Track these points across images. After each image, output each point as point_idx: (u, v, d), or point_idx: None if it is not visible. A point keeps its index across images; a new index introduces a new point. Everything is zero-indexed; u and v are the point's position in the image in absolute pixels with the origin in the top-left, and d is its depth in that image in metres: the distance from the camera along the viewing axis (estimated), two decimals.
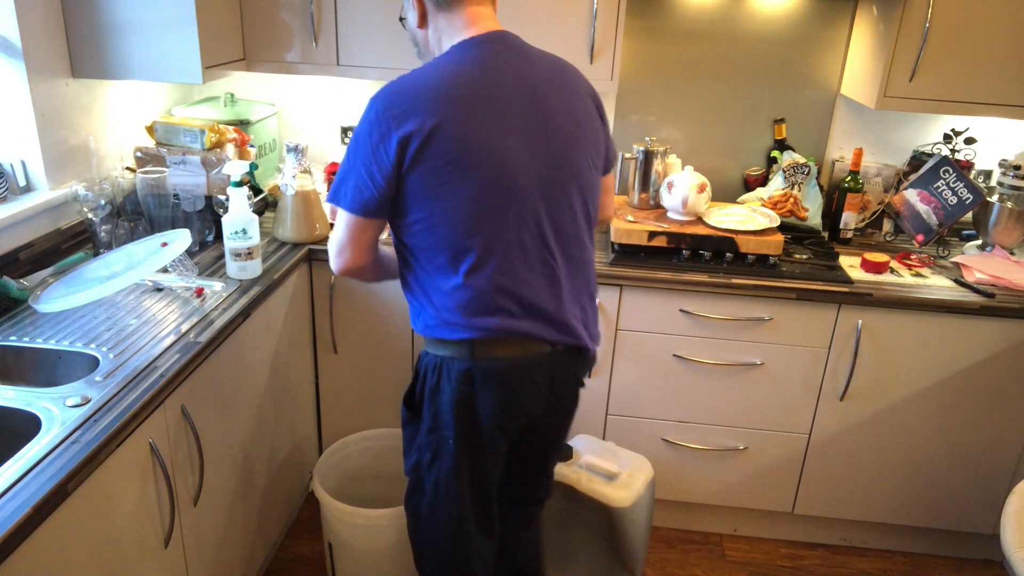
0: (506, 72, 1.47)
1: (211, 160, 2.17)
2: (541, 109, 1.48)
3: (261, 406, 2.05)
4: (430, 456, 1.59)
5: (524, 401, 1.57)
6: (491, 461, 1.62)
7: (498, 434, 1.57)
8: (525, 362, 1.52)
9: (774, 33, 2.53)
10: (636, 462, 2.21)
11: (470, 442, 1.56)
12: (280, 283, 2.08)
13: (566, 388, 1.64)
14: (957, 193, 2.39)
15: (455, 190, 1.41)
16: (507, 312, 1.47)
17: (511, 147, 1.44)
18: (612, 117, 2.67)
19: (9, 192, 1.98)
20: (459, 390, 1.51)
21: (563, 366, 1.58)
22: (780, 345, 2.25)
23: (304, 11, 2.30)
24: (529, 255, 1.48)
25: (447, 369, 1.51)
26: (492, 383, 1.51)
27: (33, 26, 1.95)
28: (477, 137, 1.41)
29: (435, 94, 1.40)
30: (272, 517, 2.23)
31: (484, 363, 1.49)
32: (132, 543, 1.46)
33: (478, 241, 1.44)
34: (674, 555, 2.48)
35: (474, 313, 1.46)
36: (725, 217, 2.35)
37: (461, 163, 1.40)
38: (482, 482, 1.62)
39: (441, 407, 1.54)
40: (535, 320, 1.50)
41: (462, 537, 1.65)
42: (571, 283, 1.55)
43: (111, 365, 1.55)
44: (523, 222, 1.46)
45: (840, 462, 2.38)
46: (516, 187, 1.44)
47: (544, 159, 1.48)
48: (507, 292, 1.46)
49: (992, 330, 2.17)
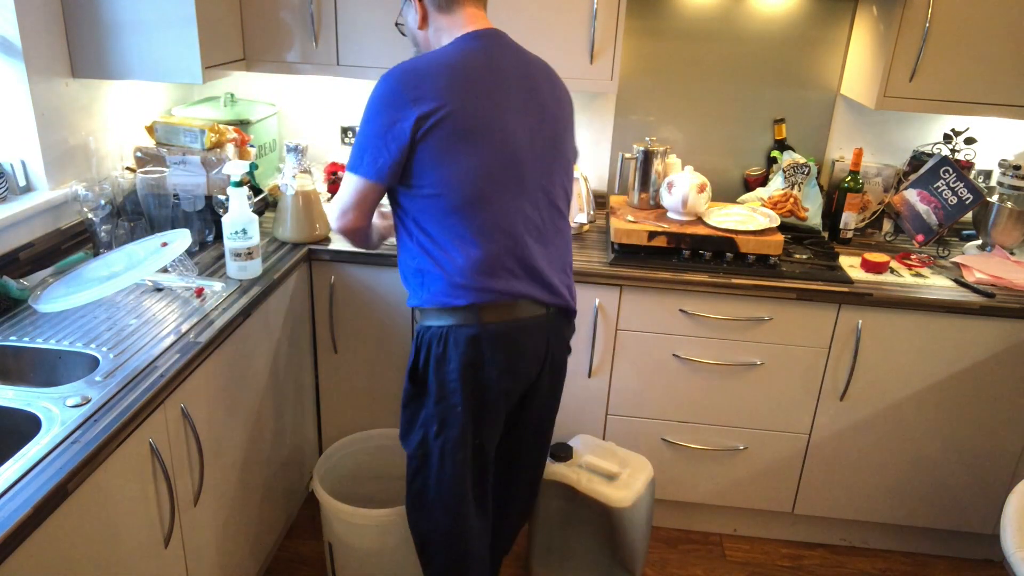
0: (505, 60, 1.63)
1: (211, 160, 2.17)
2: (534, 94, 1.65)
3: (261, 406, 2.05)
4: (437, 427, 1.66)
5: (526, 363, 1.68)
6: (493, 428, 1.71)
7: (502, 398, 1.67)
8: (526, 324, 1.64)
9: (774, 33, 2.53)
10: (636, 462, 2.21)
11: (476, 408, 1.65)
12: (280, 283, 2.08)
13: (559, 350, 1.76)
14: (957, 193, 2.39)
15: (464, 158, 1.54)
16: (511, 274, 1.59)
17: (512, 123, 1.59)
18: (612, 117, 2.67)
19: (9, 192, 1.98)
20: (467, 355, 1.60)
21: (556, 328, 1.71)
22: (780, 345, 2.25)
23: (304, 11, 2.30)
24: (528, 221, 1.62)
25: (453, 337, 1.60)
26: (499, 346, 1.61)
27: (33, 26, 1.95)
28: (484, 113, 1.55)
29: (446, 75, 1.54)
30: (272, 517, 2.23)
31: (491, 327, 1.59)
32: (132, 543, 1.46)
33: (486, 206, 1.56)
34: (674, 555, 2.48)
35: (482, 275, 1.57)
36: (725, 217, 2.35)
37: (471, 135, 1.54)
38: (483, 452, 1.72)
39: (448, 375, 1.62)
40: (533, 283, 1.63)
41: (464, 510, 1.73)
42: (558, 251, 1.70)
43: (111, 365, 1.55)
44: (523, 190, 1.61)
45: (840, 462, 2.38)
46: (518, 158, 1.59)
47: (538, 137, 1.64)
48: (511, 255, 1.59)
49: (992, 330, 2.17)
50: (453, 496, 1.71)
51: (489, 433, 1.71)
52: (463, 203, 1.55)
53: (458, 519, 1.73)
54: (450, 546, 1.78)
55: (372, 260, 2.26)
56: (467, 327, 1.59)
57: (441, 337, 1.61)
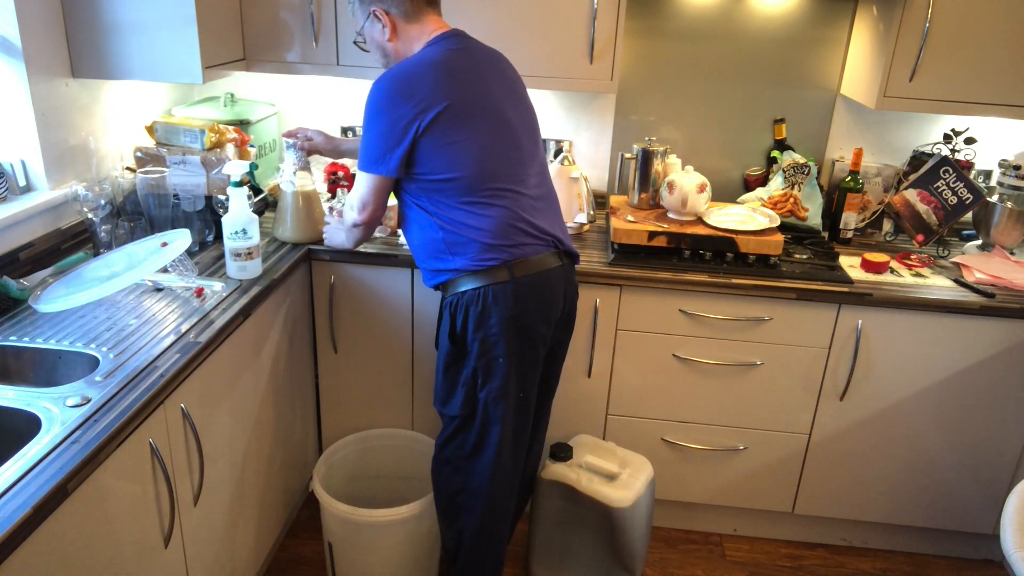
0: (478, 53, 1.82)
1: (211, 160, 2.17)
2: (508, 81, 1.86)
3: (261, 406, 2.05)
4: (482, 380, 1.81)
5: (555, 308, 1.85)
6: (533, 375, 1.87)
7: (540, 344, 1.84)
8: (550, 273, 1.82)
9: (774, 33, 2.53)
10: (636, 462, 2.21)
11: (518, 358, 1.80)
12: (280, 283, 2.08)
13: (572, 297, 1.95)
14: (957, 193, 2.39)
15: (468, 139, 1.72)
16: (526, 233, 1.78)
17: (501, 103, 1.79)
18: (612, 117, 2.67)
19: (9, 192, 1.98)
20: (507, 308, 1.75)
21: (570, 276, 1.91)
22: (780, 345, 2.25)
23: (304, 11, 2.30)
24: (532, 187, 1.83)
25: (492, 294, 1.75)
26: (533, 295, 1.78)
27: (33, 26, 1.95)
28: (476, 98, 1.75)
29: (433, 73, 1.71)
30: (272, 517, 2.23)
31: (524, 280, 1.77)
32: (132, 543, 1.46)
33: (495, 177, 1.75)
34: (674, 555, 2.48)
35: (504, 236, 1.75)
36: (725, 217, 2.35)
37: (469, 119, 1.72)
38: (525, 401, 1.87)
39: (490, 330, 1.77)
40: (547, 237, 1.82)
41: (502, 461, 1.87)
42: (554, 207, 1.91)
43: (111, 365, 1.55)
44: (522, 159, 1.81)
45: (840, 462, 2.38)
46: (513, 132, 1.80)
47: (521, 113, 1.86)
48: (522, 218, 1.78)
49: (992, 330, 2.17)
50: (495, 447, 1.84)
51: (530, 381, 1.86)
52: (475, 178, 1.73)
53: (496, 470, 1.86)
54: (482, 499, 1.90)
55: (372, 260, 2.26)
56: (504, 283, 1.75)
57: (479, 297, 1.75)
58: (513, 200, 1.77)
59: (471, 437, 1.86)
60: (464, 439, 1.88)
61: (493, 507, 1.91)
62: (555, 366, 2.02)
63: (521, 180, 1.80)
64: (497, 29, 2.25)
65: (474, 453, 1.87)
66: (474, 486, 1.90)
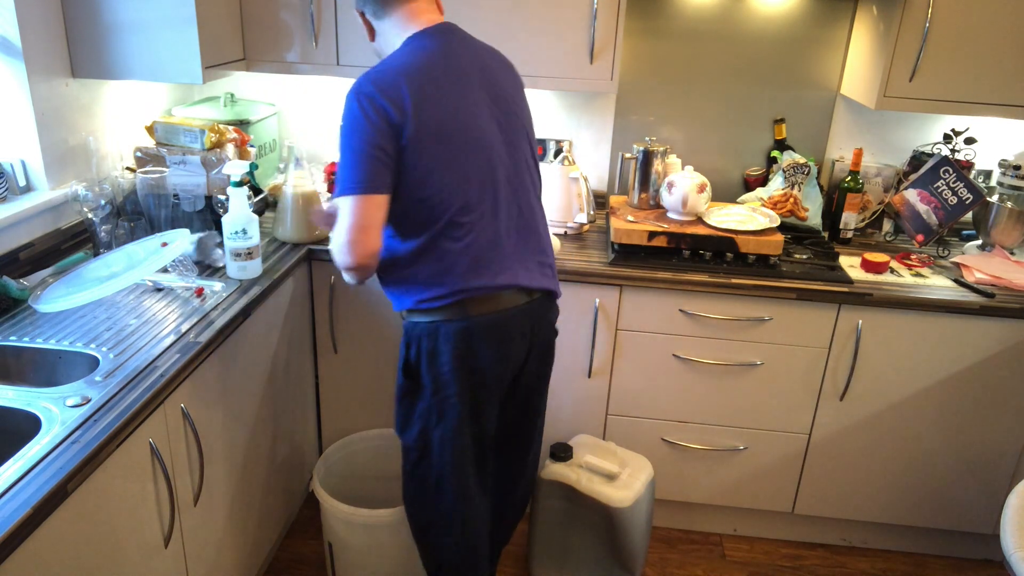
0: (462, 55, 1.64)
1: (211, 160, 2.17)
2: (494, 86, 1.67)
3: (261, 406, 2.05)
4: (435, 418, 1.70)
5: (514, 349, 1.71)
6: (489, 414, 1.75)
7: (495, 385, 1.71)
8: (512, 312, 1.67)
9: (774, 33, 2.53)
10: (636, 462, 2.21)
11: (471, 398, 1.68)
12: (280, 283, 2.08)
13: (544, 334, 1.79)
14: (957, 193, 2.39)
15: (439, 163, 1.56)
16: (494, 267, 1.63)
17: (481, 118, 1.62)
18: (612, 117, 2.67)
19: (9, 192, 1.98)
20: (458, 348, 1.63)
21: (539, 313, 1.75)
22: (780, 345, 2.25)
23: (304, 11, 2.30)
24: (506, 213, 1.66)
25: (443, 331, 1.63)
26: (488, 336, 1.65)
27: (33, 26, 1.95)
28: (450, 115, 1.57)
29: (409, 78, 1.54)
30: (272, 517, 2.23)
31: (479, 319, 1.63)
32: (132, 543, 1.46)
33: (465, 206, 1.59)
34: (674, 555, 2.48)
35: (467, 271, 1.60)
36: (725, 217, 2.35)
37: (441, 139, 1.56)
38: (481, 436, 1.75)
39: (441, 368, 1.65)
40: (515, 272, 1.66)
41: (467, 495, 1.77)
42: (536, 236, 1.73)
43: (111, 365, 1.55)
44: (499, 184, 1.64)
45: (840, 462, 2.38)
46: (492, 153, 1.63)
47: (504, 129, 1.67)
48: (493, 248, 1.63)
49: (992, 330, 2.17)
50: (455, 483, 1.74)
51: (486, 420, 1.75)
52: (442, 206, 1.58)
53: (460, 505, 1.77)
54: (452, 533, 1.81)
55: None
56: (456, 321, 1.62)
57: (431, 332, 1.64)
58: (484, 232, 1.61)
59: (432, 473, 1.76)
60: (425, 474, 1.77)
61: (465, 543, 1.83)
62: (534, 401, 1.88)
63: (495, 208, 1.63)
64: (497, 29, 2.25)
65: (437, 491, 1.77)
66: (442, 523, 1.81)
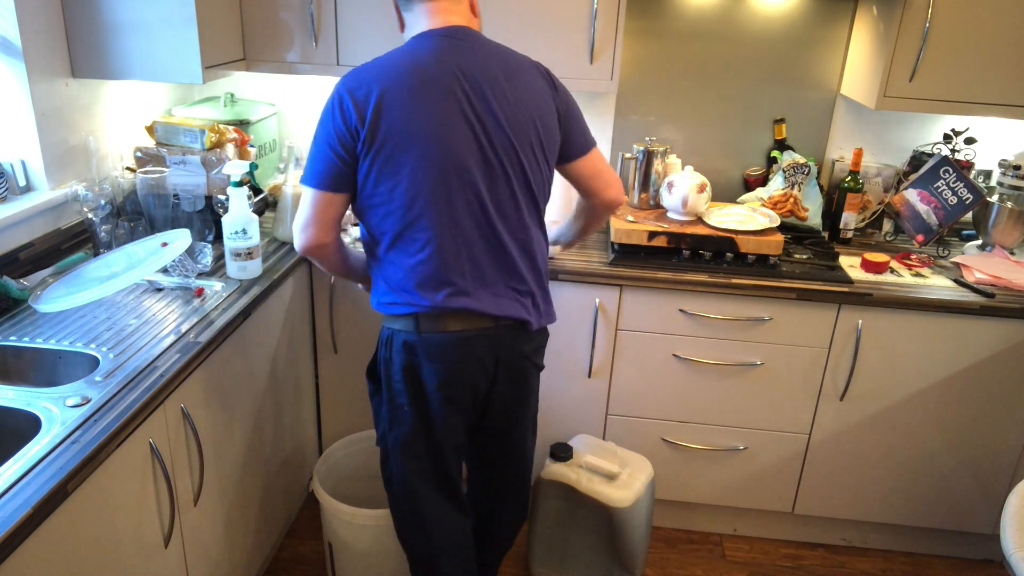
0: (458, 63, 1.54)
1: (211, 160, 2.17)
2: (487, 100, 1.54)
3: (261, 406, 2.05)
4: (388, 424, 1.72)
5: (468, 374, 1.64)
6: (444, 430, 1.69)
7: (447, 405, 1.66)
8: (468, 336, 1.60)
9: (774, 33, 2.53)
10: (636, 462, 2.21)
11: (422, 409, 1.67)
12: (280, 283, 2.08)
13: (513, 363, 1.68)
14: (957, 193, 2.39)
15: (401, 168, 1.52)
16: (453, 287, 1.57)
17: (455, 130, 1.52)
18: (612, 117, 2.67)
19: (9, 192, 1.98)
20: (405, 360, 1.63)
21: (507, 341, 1.65)
22: (780, 345, 2.25)
23: (304, 11, 2.30)
24: (473, 234, 1.57)
25: (395, 341, 1.64)
26: (435, 355, 1.61)
27: (33, 26, 1.95)
28: (421, 118, 1.50)
29: (383, 82, 1.51)
30: (272, 517, 2.23)
31: (427, 336, 1.60)
32: (132, 543, 1.46)
33: (423, 219, 1.54)
34: (674, 555, 2.48)
35: (420, 288, 1.57)
36: (725, 217, 2.35)
37: (406, 142, 1.50)
38: (438, 449, 1.71)
39: (392, 376, 1.67)
40: (479, 296, 1.59)
41: (421, 502, 1.76)
42: (516, 262, 1.62)
43: (111, 365, 1.55)
44: (468, 203, 1.55)
45: (840, 462, 2.38)
46: (460, 168, 1.53)
47: (488, 146, 1.55)
48: (453, 268, 1.56)
49: (992, 330, 2.17)
50: (408, 488, 1.75)
51: (441, 435, 1.69)
52: (400, 219, 1.55)
53: (416, 507, 1.77)
54: (413, 534, 1.83)
55: None
56: (406, 333, 1.62)
57: (388, 340, 1.66)
58: (443, 248, 1.55)
59: (392, 475, 1.76)
60: (388, 474, 1.78)
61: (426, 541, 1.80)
62: (513, 431, 1.81)
63: (458, 226, 1.55)
64: (497, 29, 2.25)
65: (395, 491, 1.78)
66: (403, 521, 1.82)
